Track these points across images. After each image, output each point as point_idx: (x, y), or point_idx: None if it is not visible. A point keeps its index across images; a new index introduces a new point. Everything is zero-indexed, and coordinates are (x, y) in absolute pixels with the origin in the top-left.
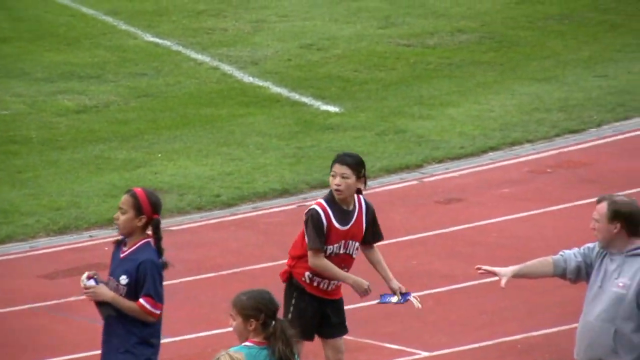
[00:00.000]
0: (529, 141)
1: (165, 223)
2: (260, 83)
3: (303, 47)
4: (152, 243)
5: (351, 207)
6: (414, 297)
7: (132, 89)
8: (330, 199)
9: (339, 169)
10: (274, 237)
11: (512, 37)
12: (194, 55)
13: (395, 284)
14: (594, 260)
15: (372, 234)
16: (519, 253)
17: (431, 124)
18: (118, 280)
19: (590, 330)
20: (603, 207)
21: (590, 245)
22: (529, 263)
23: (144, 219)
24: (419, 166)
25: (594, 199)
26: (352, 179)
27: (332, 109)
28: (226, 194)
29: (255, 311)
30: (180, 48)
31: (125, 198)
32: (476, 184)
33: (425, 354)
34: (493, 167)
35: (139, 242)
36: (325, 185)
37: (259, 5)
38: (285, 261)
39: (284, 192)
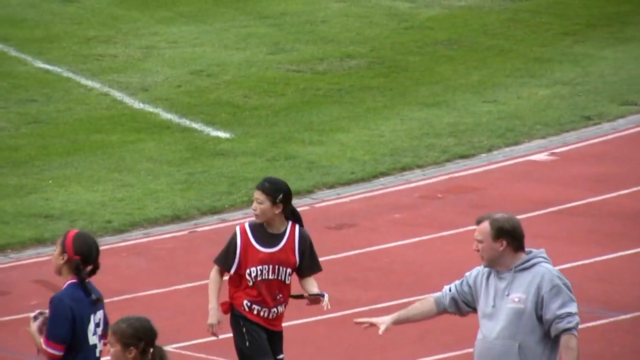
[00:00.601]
0: (419, 166)
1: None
2: (151, 109)
3: (193, 73)
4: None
5: (279, 232)
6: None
7: (23, 115)
8: (256, 222)
9: (255, 193)
10: (166, 263)
11: (401, 62)
12: (84, 81)
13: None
14: (475, 286)
15: (309, 266)
16: (411, 278)
17: (321, 149)
18: None
19: (491, 349)
20: (485, 226)
21: (468, 273)
22: (410, 307)
23: (65, 257)
24: (309, 192)
25: None
26: (265, 205)
27: (222, 134)
28: (117, 220)
29: (135, 339)
30: (70, 74)
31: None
32: (367, 210)
33: None
34: (384, 192)
35: (65, 282)
36: (216, 210)
37: (149, 31)
38: (180, 286)
39: (175, 218)
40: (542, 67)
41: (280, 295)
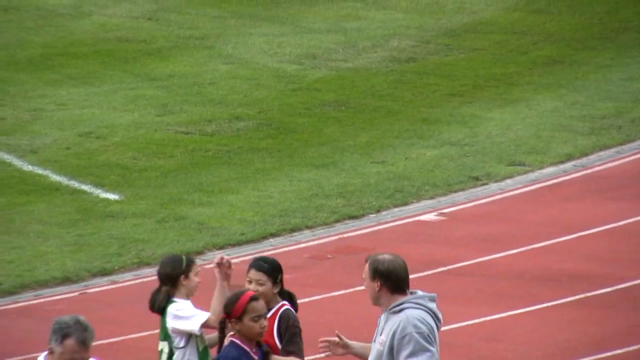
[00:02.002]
0: (308, 227)
1: None
2: (40, 171)
3: (82, 135)
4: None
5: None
6: None
7: None
8: None
9: (253, 274)
10: None
11: (289, 123)
12: None
13: None
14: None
15: (285, 347)
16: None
17: (211, 210)
18: None
19: None
20: (366, 266)
21: None
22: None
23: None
24: (199, 253)
25: None
26: (267, 286)
27: (112, 196)
28: (7, 282)
29: None
30: None
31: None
32: None
33: None
34: (274, 253)
35: None
36: (106, 272)
37: (37, 94)
38: None
39: (66, 280)
40: (429, 128)
41: None
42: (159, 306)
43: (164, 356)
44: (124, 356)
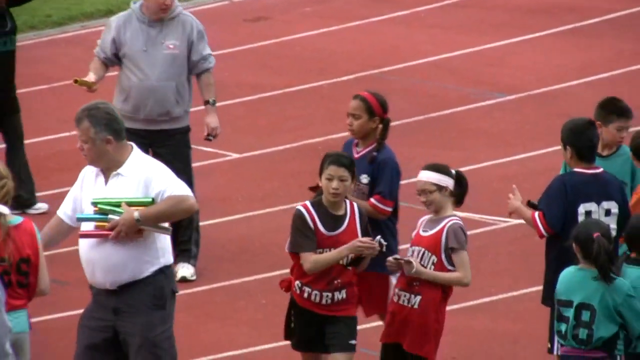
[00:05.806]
0: None
1: None
2: None
3: None
4: None
5: (341, 212)
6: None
7: None
8: (317, 202)
9: (335, 171)
10: None
11: None
12: None
13: None
14: (118, 35)
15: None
16: (322, 64)
17: None
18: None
19: (153, 91)
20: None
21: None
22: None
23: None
24: None
25: (386, 16)
26: (349, 181)
27: None
28: (57, 14)
29: None
30: None
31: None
32: (282, 4)
33: (235, 155)
34: None
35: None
36: None
37: None
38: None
39: (109, 12)
40: None
41: (338, 281)
42: None
43: None
44: None
